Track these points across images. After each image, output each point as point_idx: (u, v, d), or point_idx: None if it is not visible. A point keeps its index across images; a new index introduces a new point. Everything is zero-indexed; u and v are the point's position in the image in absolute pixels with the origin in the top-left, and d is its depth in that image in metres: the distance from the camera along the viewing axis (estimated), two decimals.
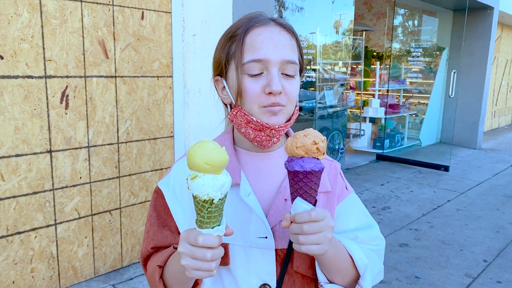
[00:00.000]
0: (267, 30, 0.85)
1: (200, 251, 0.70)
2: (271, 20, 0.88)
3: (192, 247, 0.71)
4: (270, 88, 0.82)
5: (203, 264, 0.71)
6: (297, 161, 0.73)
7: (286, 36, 0.87)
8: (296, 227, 0.74)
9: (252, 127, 0.86)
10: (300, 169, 0.72)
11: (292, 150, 0.73)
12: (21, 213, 2.42)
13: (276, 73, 0.84)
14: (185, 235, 0.73)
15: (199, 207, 0.69)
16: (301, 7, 5.96)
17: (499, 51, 10.05)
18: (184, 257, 0.71)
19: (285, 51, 0.85)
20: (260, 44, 0.84)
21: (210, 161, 0.67)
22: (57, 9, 2.41)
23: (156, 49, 2.90)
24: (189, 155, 0.68)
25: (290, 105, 0.87)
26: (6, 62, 2.27)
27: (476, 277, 3.06)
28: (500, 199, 4.91)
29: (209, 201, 0.68)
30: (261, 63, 0.83)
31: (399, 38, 8.07)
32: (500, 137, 9.56)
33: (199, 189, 0.67)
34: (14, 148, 2.35)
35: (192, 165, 0.67)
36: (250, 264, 0.87)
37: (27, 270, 2.49)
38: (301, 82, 0.95)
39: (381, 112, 7.17)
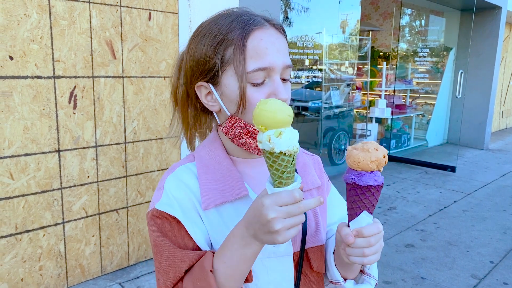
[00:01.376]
0: (266, 33, 0.80)
1: (298, 206, 0.66)
2: (265, 21, 0.82)
3: (287, 207, 0.66)
4: (276, 97, 0.78)
5: (297, 218, 0.67)
6: (369, 175, 0.72)
7: (283, 39, 0.83)
8: (363, 241, 0.73)
9: (253, 137, 0.81)
10: (374, 183, 0.71)
11: (366, 165, 0.71)
12: (29, 211, 2.45)
13: (279, 80, 0.80)
14: (271, 200, 0.67)
15: (285, 163, 0.66)
16: (307, 7, 5.96)
17: (507, 51, 9.98)
18: (278, 221, 0.66)
19: (286, 56, 0.82)
20: (264, 50, 0.78)
21: (290, 112, 0.66)
22: (66, 10, 2.44)
23: (163, 50, 2.92)
24: (269, 112, 0.65)
25: None
26: (16, 62, 2.30)
27: (483, 278, 3.04)
28: (508, 200, 4.87)
29: (294, 153, 0.66)
30: (266, 71, 0.79)
31: (406, 38, 8.03)
32: (508, 137, 9.48)
33: (288, 143, 0.65)
34: (23, 148, 2.38)
35: (276, 122, 0.65)
36: (269, 275, 0.84)
37: (36, 268, 2.52)
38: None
39: (387, 113, 7.14)
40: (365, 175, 0.72)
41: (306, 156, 0.98)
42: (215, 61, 0.80)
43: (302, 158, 0.95)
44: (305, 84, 6.03)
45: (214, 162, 0.85)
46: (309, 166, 0.95)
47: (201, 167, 0.85)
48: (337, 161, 6.02)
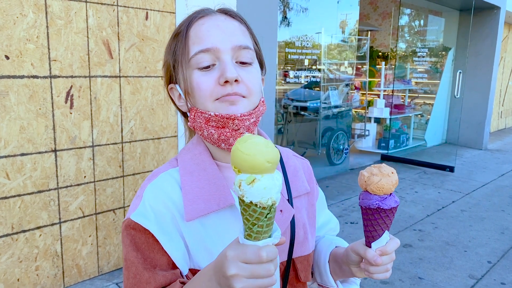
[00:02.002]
0: (211, 19, 0.77)
1: (263, 267, 0.58)
2: (217, 10, 0.80)
3: (251, 266, 0.58)
4: (224, 76, 0.73)
5: (265, 281, 0.59)
6: (390, 198, 0.75)
7: (234, 22, 0.79)
8: (388, 258, 0.76)
9: (213, 125, 0.76)
10: (395, 204, 0.75)
11: (390, 189, 0.73)
12: (26, 211, 2.45)
13: (229, 60, 0.75)
14: (236, 253, 0.59)
15: (256, 215, 0.56)
16: (306, 7, 5.95)
17: (505, 51, 9.98)
18: (240, 280, 0.58)
19: (235, 36, 0.77)
20: (206, 33, 0.76)
21: (271, 159, 0.55)
22: (62, 9, 2.43)
23: (160, 49, 2.91)
24: (245, 155, 0.55)
25: (252, 96, 0.78)
26: (12, 62, 2.29)
27: (480, 278, 3.04)
28: (506, 200, 4.87)
29: (270, 206, 0.56)
30: (210, 53, 0.75)
31: (405, 38, 8.03)
32: (506, 138, 9.49)
33: (261, 194, 0.55)
34: (19, 147, 2.37)
35: (250, 167, 0.55)
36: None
37: (32, 268, 2.52)
38: (263, 76, 0.86)
39: (386, 113, 7.14)
40: (387, 199, 0.75)
41: (296, 159, 0.95)
42: (170, 58, 0.80)
43: (292, 161, 0.92)
44: (304, 84, 6.03)
45: (199, 168, 0.80)
46: (299, 171, 0.92)
47: (185, 174, 0.79)
48: (336, 161, 6.02)
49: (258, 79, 0.80)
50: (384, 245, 0.76)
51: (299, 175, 0.90)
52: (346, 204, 4.59)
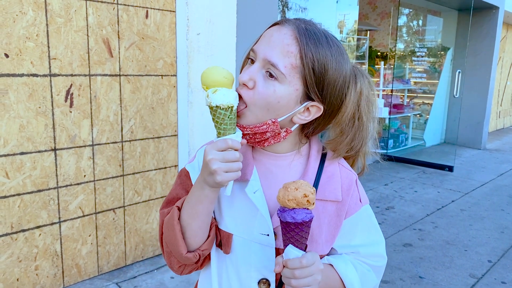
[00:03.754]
0: (277, 29, 0.84)
1: (231, 153, 0.79)
2: (295, 22, 0.84)
3: (221, 152, 0.78)
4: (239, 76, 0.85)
5: (233, 164, 0.79)
6: (289, 212, 0.77)
7: (286, 39, 0.81)
8: (288, 272, 0.78)
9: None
10: (292, 220, 0.76)
11: (284, 202, 0.77)
12: (25, 210, 2.43)
13: (254, 67, 0.84)
14: (211, 145, 0.79)
15: (222, 116, 0.80)
16: (304, 7, 5.95)
17: (504, 51, 10.00)
18: (214, 162, 0.77)
19: (272, 51, 0.81)
20: (262, 38, 0.86)
21: (227, 75, 0.81)
22: (62, 7, 2.42)
23: (161, 48, 2.90)
24: (208, 73, 0.80)
25: (254, 108, 0.83)
26: (11, 60, 2.28)
27: (481, 277, 3.04)
28: (505, 200, 4.88)
29: (230, 108, 0.79)
30: (254, 53, 0.86)
31: (404, 38, 8.04)
32: (505, 137, 9.50)
33: (222, 99, 0.79)
34: (18, 146, 2.36)
35: (212, 81, 0.80)
36: (251, 257, 0.90)
37: (31, 268, 2.50)
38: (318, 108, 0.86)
39: (385, 112, 7.14)
40: (285, 212, 0.77)
41: (340, 168, 0.95)
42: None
43: (333, 168, 0.93)
44: None
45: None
46: (335, 178, 0.92)
47: None
48: None
49: (271, 97, 0.81)
50: (288, 259, 0.78)
51: (333, 182, 0.92)
52: None
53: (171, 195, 0.98)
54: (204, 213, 0.86)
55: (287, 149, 0.93)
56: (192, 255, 0.88)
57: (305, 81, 0.82)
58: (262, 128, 0.85)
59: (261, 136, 0.86)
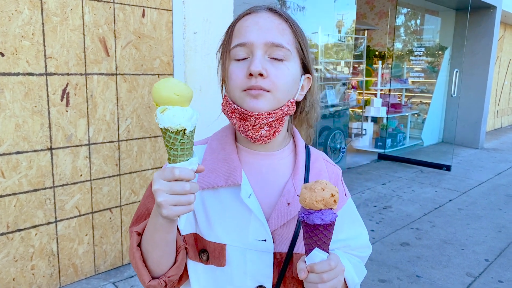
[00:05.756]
0: (255, 16, 0.83)
1: (179, 184, 0.68)
2: (265, 8, 0.85)
3: (168, 182, 0.68)
4: (249, 69, 0.79)
5: (182, 197, 0.69)
6: (316, 214, 0.73)
7: (275, 20, 0.83)
8: (316, 277, 0.74)
9: (236, 117, 0.84)
10: (321, 222, 0.72)
11: (312, 204, 0.73)
12: (21, 210, 2.42)
13: (259, 55, 0.80)
14: (159, 173, 0.70)
15: (171, 140, 0.69)
16: (303, 6, 5.95)
17: (502, 50, 10.02)
18: (161, 194, 0.68)
19: (270, 33, 0.81)
20: (245, 28, 0.83)
21: (178, 92, 0.68)
22: (58, 6, 2.41)
23: (157, 47, 2.90)
24: (156, 89, 0.68)
25: (277, 92, 0.82)
26: (7, 59, 2.27)
27: (478, 276, 3.04)
28: (503, 199, 4.89)
29: (181, 131, 0.68)
30: (246, 47, 0.82)
31: (401, 38, 8.05)
32: (502, 137, 9.52)
33: (171, 120, 0.67)
34: (14, 145, 2.35)
35: (161, 98, 0.68)
36: (247, 265, 0.85)
37: (28, 267, 2.49)
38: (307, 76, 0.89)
39: (383, 112, 7.15)
40: (312, 214, 0.73)
41: (325, 164, 0.96)
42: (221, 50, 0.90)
43: (319, 164, 0.94)
44: None
45: (220, 147, 0.90)
46: (323, 174, 0.93)
47: (208, 149, 0.91)
48: (333, 160, 6.00)
49: (288, 77, 0.82)
50: (314, 263, 0.74)
51: (322, 178, 0.92)
52: None
53: (140, 210, 0.91)
54: (163, 243, 0.79)
55: (277, 145, 0.91)
56: (157, 283, 0.81)
57: (301, 53, 0.86)
58: (284, 111, 0.83)
59: (278, 123, 0.84)
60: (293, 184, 0.88)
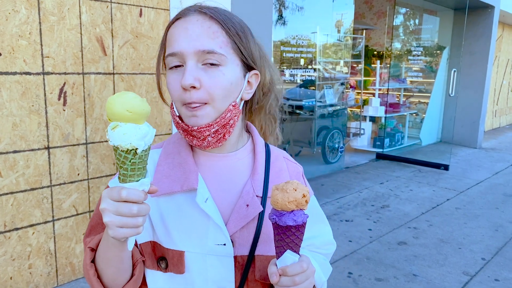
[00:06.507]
0: (184, 21, 0.79)
1: (125, 206, 0.64)
2: (197, 8, 0.81)
3: (115, 203, 0.64)
4: (181, 83, 0.77)
5: (129, 220, 0.65)
6: (289, 215, 0.72)
7: (204, 24, 0.79)
8: (288, 280, 0.73)
9: (180, 127, 0.83)
10: (293, 223, 0.71)
11: (284, 205, 0.72)
12: (18, 209, 2.43)
13: (190, 65, 0.77)
14: (107, 191, 0.66)
15: (122, 159, 0.64)
16: (301, 6, 5.95)
17: (500, 50, 10.03)
18: (107, 214, 0.65)
19: (200, 40, 0.77)
20: (175, 37, 0.79)
21: (131, 109, 0.63)
22: (55, 6, 2.42)
23: (154, 47, 2.90)
24: (108, 104, 0.63)
25: (214, 102, 0.79)
26: (4, 58, 2.27)
27: (474, 275, 3.05)
28: (500, 198, 4.90)
29: (132, 151, 0.64)
30: (177, 56, 0.78)
31: (400, 37, 8.06)
32: (501, 136, 9.54)
33: (121, 139, 0.63)
34: (11, 145, 2.35)
35: (112, 114, 0.63)
36: (208, 271, 0.83)
37: (25, 266, 2.50)
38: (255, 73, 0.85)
39: (381, 111, 7.16)
40: (284, 215, 0.72)
41: (286, 162, 0.94)
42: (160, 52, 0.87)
43: (280, 163, 0.92)
44: (299, 83, 6.03)
45: (175, 151, 0.88)
46: (284, 173, 0.91)
47: (163, 154, 0.88)
48: (331, 159, 6.02)
49: (224, 83, 0.79)
50: (286, 266, 0.73)
51: (282, 178, 0.89)
52: (341, 202, 4.59)
53: (94, 220, 0.87)
54: (117, 260, 0.76)
55: (232, 146, 0.88)
56: None
57: (239, 52, 0.82)
58: (227, 117, 0.81)
59: (224, 128, 0.81)
60: (252, 185, 0.86)
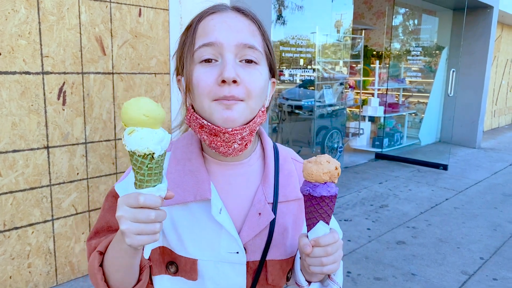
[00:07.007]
0: (221, 15, 0.77)
1: (143, 212, 0.63)
2: (230, 7, 0.79)
3: (133, 209, 0.63)
4: (222, 76, 0.72)
5: (146, 226, 0.63)
6: (322, 186, 0.74)
7: (244, 21, 0.77)
8: (321, 250, 0.73)
9: (206, 132, 0.77)
10: (327, 194, 0.73)
11: (319, 176, 0.73)
12: (18, 208, 2.43)
13: (231, 59, 0.74)
14: (123, 198, 0.64)
15: (138, 164, 0.63)
16: (300, 5, 5.96)
17: (499, 50, 10.05)
18: (124, 221, 0.63)
19: (242, 34, 0.75)
20: (212, 27, 0.75)
21: (148, 113, 0.62)
22: (54, 5, 2.42)
23: (154, 46, 2.91)
24: (125, 109, 0.62)
25: (251, 101, 0.76)
26: (4, 58, 2.28)
27: (472, 274, 3.06)
28: (499, 198, 4.91)
29: (149, 155, 0.63)
30: (213, 47, 0.74)
31: (399, 37, 8.07)
32: (500, 136, 9.55)
33: (138, 143, 0.62)
34: (11, 144, 2.36)
35: (129, 119, 0.62)
36: (220, 278, 0.83)
37: (24, 265, 2.50)
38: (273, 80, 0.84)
39: (380, 111, 7.17)
40: (319, 186, 0.74)
41: (294, 163, 0.93)
42: (179, 51, 0.81)
43: (289, 165, 0.91)
44: (299, 83, 6.04)
45: (186, 157, 0.83)
46: (293, 176, 0.90)
47: (173, 160, 0.84)
48: None
49: (262, 82, 0.77)
50: (319, 236, 0.74)
51: (292, 181, 0.89)
52: (340, 201, 4.60)
53: (100, 224, 0.86)
54: (127, 266, 0.74)
55: (247, 153, 0.86)
56: None
57: (269, 57, 0.81)
58: (257, 122, 0.79)
59: (250, 135, 0.79)
60: (263, 192, 0.84)
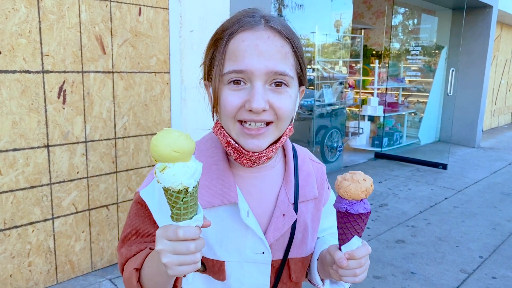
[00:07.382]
0: (253, 35, 0.74)
1: (183, 245, 0.65)
2: (264, 20, 0.76)
3: (172, 243, 0.65)
4: (250, 105, 0.73)
5: (187, 257, 0.65)
6: (359, 204, 0.77)
7: (277, 42, 0.75)
8: (355, 263, 0.77)
9: (232, 148, 0.80)
10: (364, 211, 0.77)
11: (357, 195, 0.76)
12: (18, 207, 2.44)
13: (259, 88, 0.74)
14: (161, 232, 0.66)
15: (173, 199, 0.64)
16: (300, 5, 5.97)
17: (498, 50, 10.05)
18: (165, 255, 0.65)
19: (273, 61, 0.74)
20: (243, 52, 0.74)
21: (178, 149, 0.62)
22: (55, 4, 2.42)
23: (154, 45, 2.91)
24: (154, 145, 0.62)
25: (280, 123, 0.78)
26: (4, 56, 2.28)
27: (472, 272, 3.07)
28: (498, 197, 4.92)
29: (183, 190, 0.63)
30: (243, 74, 0.74)
31: (398, 37, 8.07)
32: (499, 136, 9.56)
33: (171, 180, 0.62)
34: (11, 143, 2.36)
35: (159, 156, 0.63)
36: (245, 277, 0.86)
37: (25, 264, 2.51)
38: (304, 90, 0.86)
39: (379, 111, 7.17)
40: (356, 204, 0.77)
41: (311, 164, 0.96)
42: (207, 61, 0.82)
43: (307, 166, 0.94)
44: None
45: (211, 161, 0.85)
46: (311, 176, 0.93)
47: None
48: (330, 158, 6.04)
49: (291, 105, 0.78)
50: (353, 250, 0.78)
51: (310, 181, 0.92)
52: None
53: (128, 230, 0.89)
54: (165, 283, 0.77)
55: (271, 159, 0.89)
56: None
57: (300, 71, 0.81)
58: (283, 140, 0.82)
59: (276, 151, 0.83)
60: (286, 193, 0.87)
